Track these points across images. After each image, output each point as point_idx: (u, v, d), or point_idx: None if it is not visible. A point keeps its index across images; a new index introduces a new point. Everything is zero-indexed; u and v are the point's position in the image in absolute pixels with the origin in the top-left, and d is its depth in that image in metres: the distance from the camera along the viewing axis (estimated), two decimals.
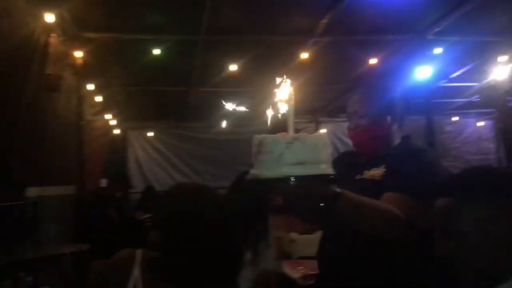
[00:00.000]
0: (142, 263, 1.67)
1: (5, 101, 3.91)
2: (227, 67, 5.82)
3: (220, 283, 1.57)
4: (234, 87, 6.49)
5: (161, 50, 5.31)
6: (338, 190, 1.42)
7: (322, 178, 1.31)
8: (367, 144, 1.92)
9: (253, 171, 1.32)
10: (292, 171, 1.26)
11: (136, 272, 1.66)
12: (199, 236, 1.52)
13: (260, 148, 1.30)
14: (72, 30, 4.85)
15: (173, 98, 7.49)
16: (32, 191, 4.88)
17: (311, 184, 1.31)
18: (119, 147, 8.91)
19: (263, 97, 2.08)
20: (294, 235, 3.71)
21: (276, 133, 1.33)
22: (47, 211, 4.84)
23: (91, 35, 5.05)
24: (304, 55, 5.52)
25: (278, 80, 1.35)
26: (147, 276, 1.65)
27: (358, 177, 1.86)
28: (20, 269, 3.14)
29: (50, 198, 4.94)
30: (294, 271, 3.07)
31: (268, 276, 2.40)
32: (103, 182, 6.33)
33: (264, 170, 1.28)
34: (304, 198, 1.35)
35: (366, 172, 1.84)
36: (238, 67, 5.80)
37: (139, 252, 1.70)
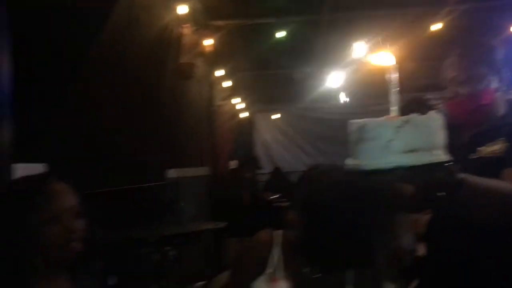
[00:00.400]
0: (281, 243, 1.68)
1: (146, 90, 4.25)
2: (352, 45, 5.68)
3: (359, 263, 1.56)
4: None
5: (286, 33, 5.35)
6: (461, 176, 1.22)
7: (438, 166, 1.11)
8: (472, 116, 1.63)
9: (353, 161, 1.15)
10: (403, 160, 1.07)
11: (275, 253, 1.67)
12: (340, 216, 1.51)
13: (362, 134, 1.12)
14: (202, 20, 5.09)
15: (297, 79, 7.53)
16: (172, 173, 5.27)
17: (428, 174, 1.13)
18: (246, 130, 9.23)
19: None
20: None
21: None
22: (186, 191, 5.20)
23: (219, 23, 5.26)
24: (437, 26, 5.17)
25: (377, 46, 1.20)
26: (287, 257, 1.66)
27: (472, 156, 1.58)
28: (165, 244, 3.42)
29: (188, 179, 5.30)
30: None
31: (401, 252, 2.28)
32: (233, 164, 6.61)
33: (368, 159, 1.10)
34: (421, 190, 1.22)
35: (482, 149, 1.57)
36: (363, 44, 5.63)
37: (278, 233, 1.71)
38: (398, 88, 1.12)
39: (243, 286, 1.64)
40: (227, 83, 6.87)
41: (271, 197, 5.53)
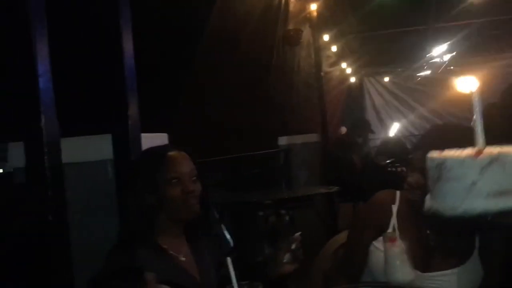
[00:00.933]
0: (401, 205, 1.65)
1: (256, 58, 4.36)
2: None
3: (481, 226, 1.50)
4: (474, 18, 5.91)
5: None
6: None
7: None
8: None
9: (432, 204, 1.03)
10: (489, 205, 0.93)
11: (395, 213, 1.65)
12: None
13: (442, 172, 0.98)
14: None
15: (407, 39, 7.19)
16: (283, 140, 5.39)
17: None
18: (356, 94, 9.06)
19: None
20: None
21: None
22: (297, 157, 5.30)
23: None
24: None
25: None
26: (406, 218, 1.64)
27: None
28: (280, 207, 3.55)
29: (299, 145, 5.38)
30: None
31: None
32: (343, 129, 6.56)
33: (449, 203, 0.97)
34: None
35: None
36: None
37: (398, 193, 1.69)
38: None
39: (361, 246, 1.66)
40: (335, 48, 6.77)
41: (384, 162, 5.42)
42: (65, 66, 1.91)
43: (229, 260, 1.08)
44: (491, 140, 0.99)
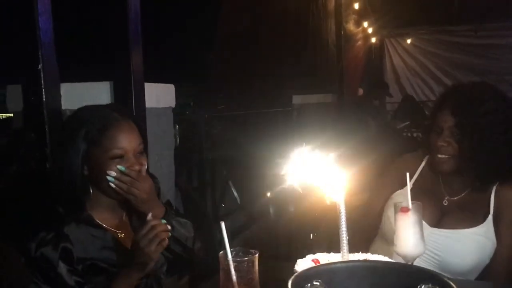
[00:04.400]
0: (426, 166, 1.69)
1: (274, 14, 4.19)
2: None
3: None
4: None
5: None
6: None
7: None
8: None
9: None
10: None
11: (418, 173, 1.69)
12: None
13: None
14: None
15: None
16: (297, 99, 5.28)
17: None
18: (376, 56, 8.80)
19: None
20: None
21: None
22: (310, 117, 5.20)
23: None
24: None
25: None
26: (429, 178, 1.68)
27: None
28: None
29: (313, 105, 5.27)
30: None
31: None
32: (360, 91, 6.40)
33: None
34: None
35: None
36: None
37: (426, 157, 1.72)
38: None
39: (380, 197, 1.74)
40: (357, 6, 6.52)
41: (400, 126, 5.28)
42: (66, 6, 1.80)
43: (222, 224, 0.99)
44: None
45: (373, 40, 8.28)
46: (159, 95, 2.11)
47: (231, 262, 0.94)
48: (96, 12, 1.90)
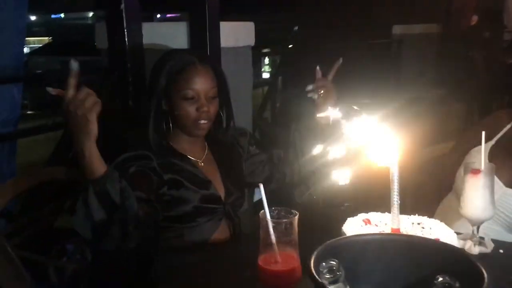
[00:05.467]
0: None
1: None
2: None
3: None
4: None
5: None
6: None
7: None
8: None
9: None
10: None
11: (506, 129, 1.58)
12: None
13: None
14: None
15: None
16: (398, 29, 4.95)
17: None
18: None
19: None
20: None
21: None
22: (410, 50, 4.88)
23: None
24: None
25: None
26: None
27: None
28: None
29: (415, 36, 4.92)
30: None
31: None
32: (474, 18, 5.80)
33: None
34: None
35: None
36: None
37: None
38: None
39: (462, 149, 1.63)
40: None
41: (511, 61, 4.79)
42: None
43: (261, 186, 1.00)
44: None
45: None
46: (237, 34, 2.09)
47: (270, 222, 0.95)
48: None
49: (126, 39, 1.88)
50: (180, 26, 1.91)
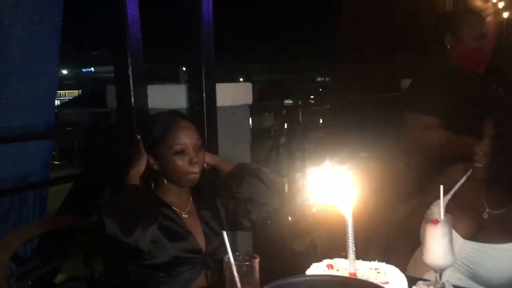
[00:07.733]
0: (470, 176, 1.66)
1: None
2: None
3: None
4: None
5: None
6: None
7: None
8: None
9: None
10: None
11: (458, 185, 1.65)
12: None
13: None
14: None
15: None
16: (406, 83, 5.06)
17: None
18: (508, 32, 8.01)
19: None
20: None
21: None
22: None
23: None
24: None
25: None
26: (471, 188, 1.63)
27: None
28: None
29: None
30: None
31: None
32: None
33: None
34: None
35: None
36: None
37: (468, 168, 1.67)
38: None
39: (421, 211, 1.67)
40: None
41: None
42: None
43: (224, 233, 1.13)
44: None
45: (506, 15, 7.54)
46: (235, 94, 2.28)
47: (233, 265, 1.08)
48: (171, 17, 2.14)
49: (133, 100, 2.07)
50: (180, 89, 2.12)
